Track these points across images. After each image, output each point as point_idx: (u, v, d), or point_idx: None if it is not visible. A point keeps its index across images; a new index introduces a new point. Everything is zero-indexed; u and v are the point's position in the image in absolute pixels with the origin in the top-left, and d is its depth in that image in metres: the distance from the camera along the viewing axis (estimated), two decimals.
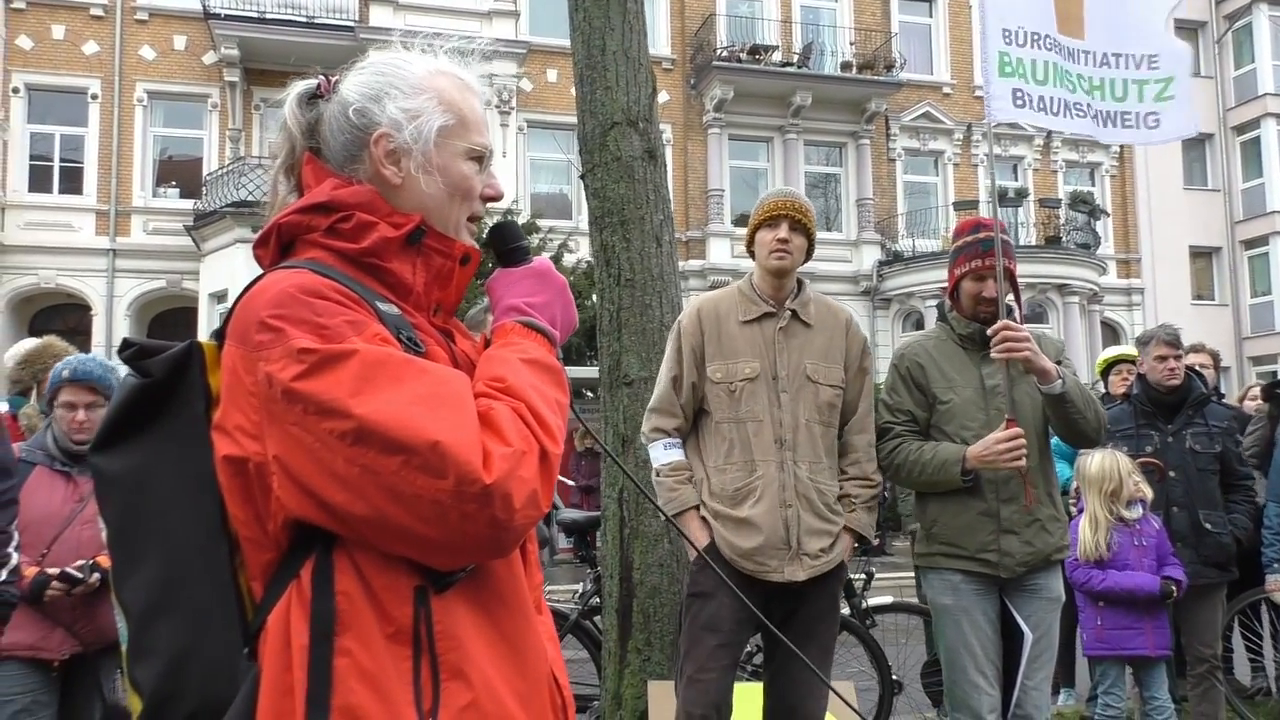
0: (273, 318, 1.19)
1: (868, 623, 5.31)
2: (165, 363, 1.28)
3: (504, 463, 1.17)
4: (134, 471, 1.28)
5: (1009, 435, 3.32)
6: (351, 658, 1.16)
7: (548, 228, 17.20)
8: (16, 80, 19.13)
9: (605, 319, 4.57)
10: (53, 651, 3.66)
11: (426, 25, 16.50)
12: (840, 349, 3.45)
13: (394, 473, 1.13)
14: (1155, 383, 4.87)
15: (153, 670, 1.25)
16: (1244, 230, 26.23)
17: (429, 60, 1.43)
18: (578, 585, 6.36)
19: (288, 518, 1.20)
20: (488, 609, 1.27)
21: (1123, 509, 4.46)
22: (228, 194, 17.98)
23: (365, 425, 1.14)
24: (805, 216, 3.44)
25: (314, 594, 1.18)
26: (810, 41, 22.77)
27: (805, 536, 3.25)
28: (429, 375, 1.21)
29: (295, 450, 1.16)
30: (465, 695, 1.21)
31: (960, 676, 3.47)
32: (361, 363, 1.17)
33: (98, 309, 19.15)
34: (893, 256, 22.63)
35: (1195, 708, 4.82)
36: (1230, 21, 26.47)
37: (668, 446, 3.40)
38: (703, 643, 3.25)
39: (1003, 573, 3.43)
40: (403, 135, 1.35)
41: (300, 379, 1.16)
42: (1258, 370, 24.75)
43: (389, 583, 1.19)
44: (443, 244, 1.38)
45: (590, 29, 4.66)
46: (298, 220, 1.34)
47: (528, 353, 1.35)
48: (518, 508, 1.18)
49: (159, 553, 1.27)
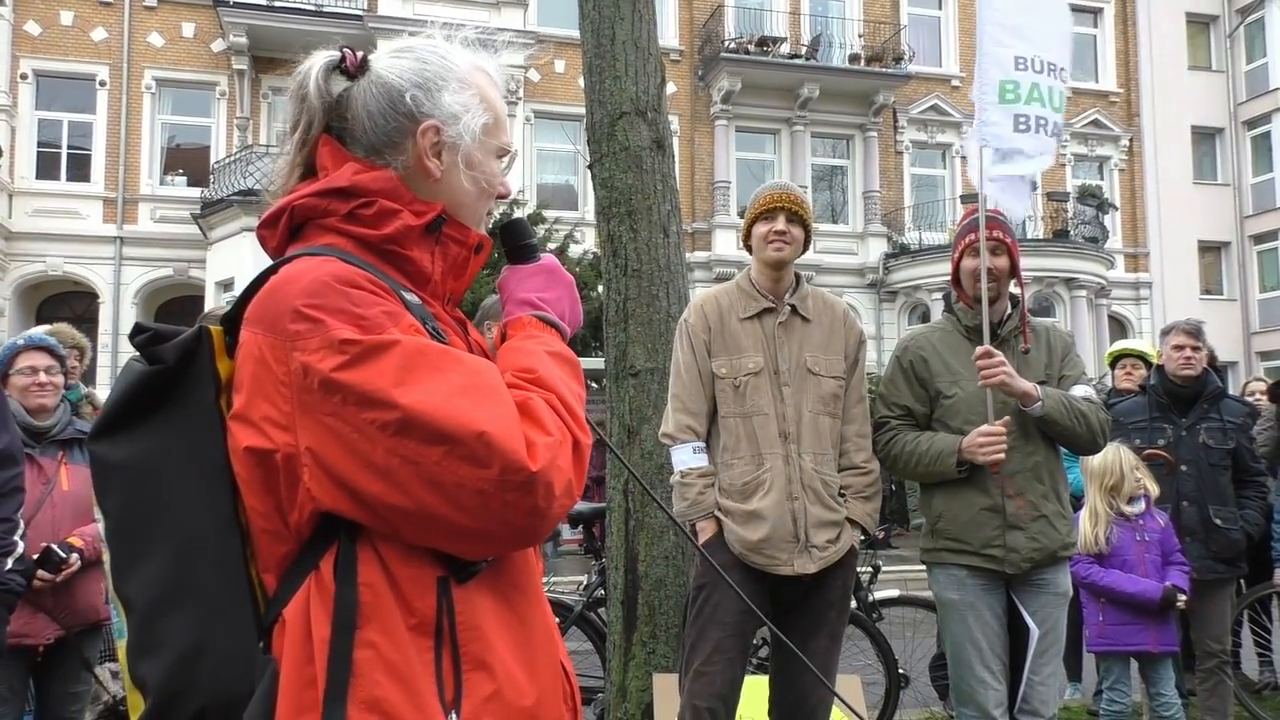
0: (309, 307, 1.17)
1: (874, 616, 5.30)
2: (177, 348, 1.25)
3: (546, 451, 1.18)
4: (141, 459, 1.24)
5: (990, 430, 3.36)
6: (375, 650, 1.16)
7: (554, 218, 17.18)
8: (25, 66, 19.14)
9: (611, 309, 4.55)
10: (37, 637, 3.65)
11: (436, 15, 16.47)
12: (840, 340, 3.47)
13: (436, 463, 1.14)
14: (1171, 373, 4.84)
15: (161, 665, 1.21)
16: (1253, 225, 26.13)
17: (469, 54, 1.41)
18: (583, 577, 6.36)
19: (315, 510, 1.18)
20: (507, 598, 1.28)
21: (1123, 504, 4.43)
22: (235, 182, 18.01)
23: (410, 415, 1.14)
24: (801, 208, 3.44)
25: (337, 585, 1.17)
26: (818, 34, 22.71)
27: (813, 528, 3.27)
28: (465, 365, 1.21)
29: (331, 441, 1.15)
30: (489, 685, 1.21)
31: (966, 671, 3.46)
32: (404, 353, 1.17)
33: (105, 297, 19.19)
34: (899, 249, 22.58)
35: (1203, 702, 4.81)
36: (1242, 15, 26.33)
37: (696, 450, 3.40)
38: (708, 635, 3.27)
39: (1008, 568, 3.42)
40: (450, 130, 1.34)
41: (341, 370, 1.15)
42: (1265, 366, 24.68)
43: (413, 574, 1.19)
44: (460, 233, 1.37)
45: (600, 18, 4.64)
46: (314, 204, 1.31)
47: (550, 345, 1.37)
48: (557, 495, 1.19)
49: (168, 544, 1.22)
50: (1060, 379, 3.57)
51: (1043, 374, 3.54)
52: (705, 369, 3.41)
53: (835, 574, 3.34)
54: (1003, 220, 3.59)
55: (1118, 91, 25.42)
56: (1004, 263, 3.53)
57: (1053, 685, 3.53)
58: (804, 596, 3.32)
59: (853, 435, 3.46)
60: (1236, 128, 26.37)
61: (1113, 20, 25.63)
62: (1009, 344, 3.56)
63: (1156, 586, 4.33)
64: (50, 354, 3.76)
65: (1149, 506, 4.49)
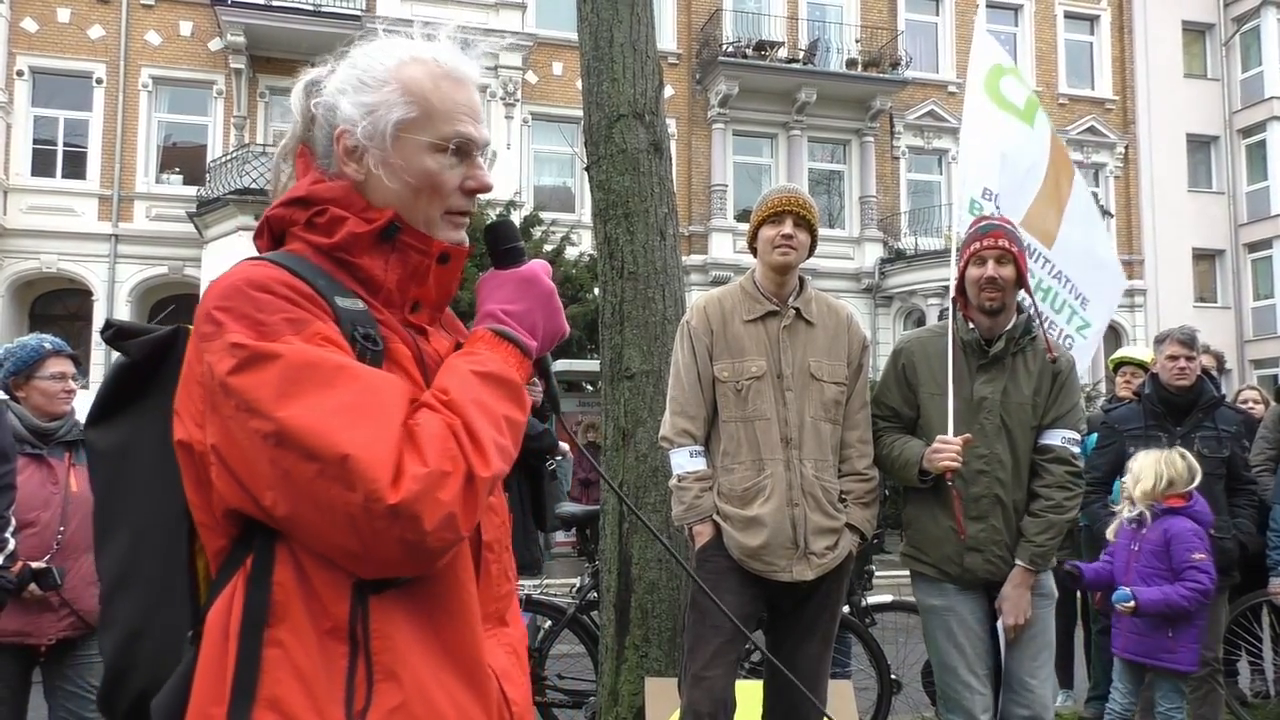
0: (217, 309, 1.19)
1: (867, 621, 5.29)
2: (145, 345, 1.34)
3: (414, 484, 1.13)
4: (117, 447, 1.34)
5: (946, 439, 3.35)
6: (283, 649, 1.15)
7: (550, 220, 17.17)
8: (21, 63, 19.09)
9: (607, 312, 4.55)
10: (40, 636, 3.63)
11: (434, 15, 16.46)
12: (843, 346, 3.45)
13: (311, 480, 1.12)
14: (1165, 382, 4.83)
15: (112, 642, 1.32)
16: (1247, 233, 26.17)
17: (405, 47, 1.37)
18: (576, 579, 6.35)
19: (226, 508, 1.20)
20: (429, 615, 1.24)
21: (1126, 505, 4.40)
22: (231, 181, 17.97)
23: (284, 429, 1.12)
24: (809, 213, 3.44)
25: (250, 582, 1.17)
26: (816, 38, 22.73)
27: (813, 535, 3.26)
28: (359, 383, 1.17)
29: (230, 443, 1.16)
30: (396, 696, 1.18)
31: (951, 677, 3.46)
32: (288, 364, 1.15)
33: (99, 294, 19.14)
34: (895, 254, 22.62)
35: (1195, 710, 4.81)
36: (1238, 24, 26.40)
37: (693, 454, 3.38)
38: (707, 641, 3.26)
39: (962, 585, 3.45)
40: (357, 131, 1.32)
41: (233, 374, 1.15)
42: (1259, 374, 24.73)
43: (328, 578, 1.18)
44: (420, 241, 1.34)
45: (598, 21, 4.64)
46: (282, 214, 1.35)
47: (485, 365, 1.30)
48: (428, 530, 1.13)
49: (127, 529, 1.33)
50: (1046, 417, 3.47)
51: (1031, 400, 3.46)
52: (706, 372, 3.38)
53: (832, 580, 3.34)
54: (1009, 230, 3.55)
55: (1113, 99, 25.48)
56: (1010, 272, 3.45)
57: (1050, 688, 3.52)
58: (800, 602, 3.32)
59: (855, 441, 3.45)
60: (1231, 136, 26.41)
61: (1109, 28, 25.71)
62: (1000, 364, 3.49)
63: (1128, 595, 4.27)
64: (74, 362, 3.84)
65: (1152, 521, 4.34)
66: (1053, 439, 3.46)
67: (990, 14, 24.54)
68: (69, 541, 3.64)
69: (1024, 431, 3.45)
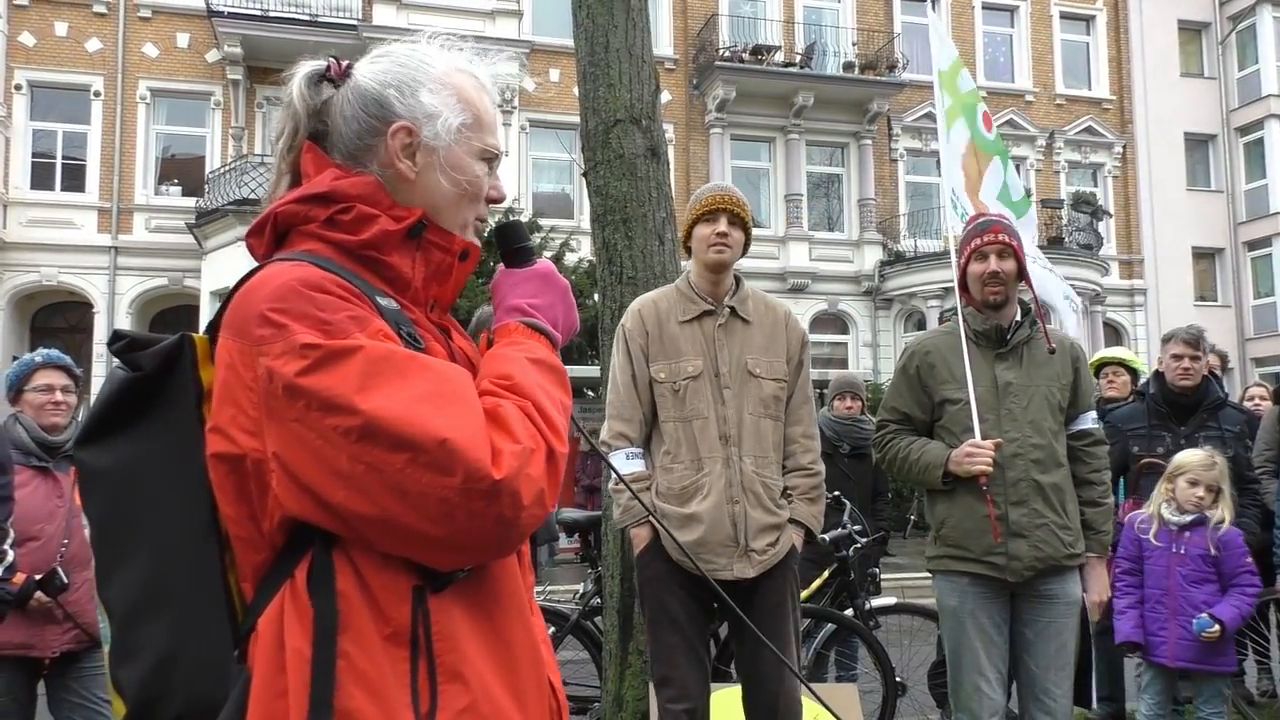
0: (274, 311, 1.16)
1: (871, 624, 5.28)
2: (156, 355, 1.26)
3: (513, 459, 1.15)
4: (122, 466, 1.26)
5: (977, 443, 3.37)
6: (348, 660, 1.14)
7: (549, 227, 17.17)
8: (19, 77, 19.11)
9: (607, 317, 4.54)
10: (44, 649, 3.62)
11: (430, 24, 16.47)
12: (781, 343, 3.45)
13: (400, 470, 1.11)
14: (1170, 382, 4.82)
15: (138, 671, 1.23)
16: (1247, 231, 26.19)
17: (449, 56, 1.40)
18: (579, 585, 6.34)
19: (284, 517, 1.17)
20: (485, 610, 1.25)
21: (1170, 507, 4.32)
22: (230, 192, 17.97)
23: (371, 422, 1.11)
24: (742, 210, 3.45)
25: (315, 594, 1.15)
26: (812, 42, 22.74)
27: (753, 532, 3.26)
28: (433, 371, 1.19)
29: (295, 447, 1.14)
30: (464, 698, 1.18)
31: (963, 678, 3.45)
32: (366, 359, 1.15)
33: (99, 307, 19.13)
34: (894, 257, 22.59)
35: None
36: (1234, 22, 26.44)
37: (630, 456, 3.38)
38: (664, 641, 3.29)
39: (1010, 576, 3.40)
40: (424, 130, 1.33)
41: (304, 374, 1.13)
42: (1260, 372, 24.71)
43: (387, 582, 1.17)
44: (443, 239, 1.35)
45: (594, 26, 4.64)
46: (295, 210, 1.31)
47: (534, 352, 1.34)
48: (525, 505, 1.16)
49: (146, 550, 1.24)
50: (1071, 408, 3.54)
51: (1055, 383, 3.51)
52: (642, 374, 3.39)
53: (775, 575, 3.32)
54: (1007, 224, 3.60)
55: (1111, 99, 25.50)
56: (1011, 266, 3.52)
57: (1069, 697, 3.51)
58: (746, 602, 3.26)
59: (799, 436, 3.45)
60: (1229, 134, 26.44)
61: (1105, 28, 25.72)
62: (1018, 352, 3.54)
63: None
64: (67, 373, 3.79)
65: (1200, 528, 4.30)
66: (1085, 423, 3.55)
67: (986, 15, 24.62)
68: (72, 555, 3.64)
69: (1053, 413, 3.48)
